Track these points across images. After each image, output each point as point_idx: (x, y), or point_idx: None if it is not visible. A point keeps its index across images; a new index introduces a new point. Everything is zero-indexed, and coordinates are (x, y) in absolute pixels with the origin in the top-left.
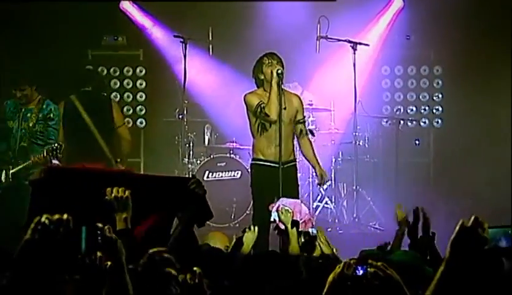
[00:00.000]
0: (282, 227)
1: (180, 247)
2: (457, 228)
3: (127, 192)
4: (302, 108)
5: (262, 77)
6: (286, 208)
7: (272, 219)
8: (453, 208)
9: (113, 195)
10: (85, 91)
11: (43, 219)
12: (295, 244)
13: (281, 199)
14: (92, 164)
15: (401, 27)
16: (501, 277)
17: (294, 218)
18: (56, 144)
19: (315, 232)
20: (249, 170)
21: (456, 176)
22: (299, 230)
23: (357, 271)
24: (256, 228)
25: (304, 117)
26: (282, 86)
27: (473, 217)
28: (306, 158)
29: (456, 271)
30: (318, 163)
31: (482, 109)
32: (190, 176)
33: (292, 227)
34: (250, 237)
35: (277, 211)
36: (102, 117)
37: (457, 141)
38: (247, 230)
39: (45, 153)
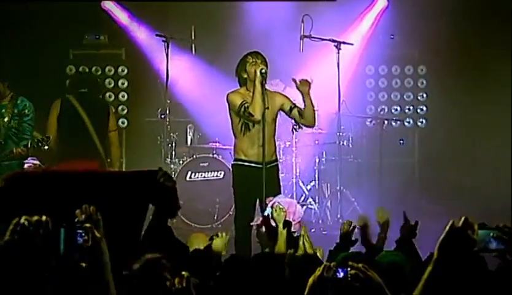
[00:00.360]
0: (273, 224)
1: (154, 243)
2: (447, 228)
3: (98, 214)
4: (287, 98)
5: (245, 76)
6: (281, 206)
7: (265, 214)
8: (439, 208)
9: (83, 216)
10: (82, 93)
11: (22, 220)
12: (282, 244)
13: (278, 196)
14: (87, 163)
15: (385, 27)
16: (487, 278)
17: (288, 218)
18: (44, 136)
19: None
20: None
21: (441, 177)
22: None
23: (338, 274)
24: (224, 234)
25: (293, 103)
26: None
27: (462, 218)
28: (313, 109)
29: (444, 272)
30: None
31: (467, 109)
32: (172, 176)
33: (284, 227)
34: (218, 243)
35: (271, 207)
36: (100, 119)
37: (441, 141)
38: (214, 237)
39: (29, 144)
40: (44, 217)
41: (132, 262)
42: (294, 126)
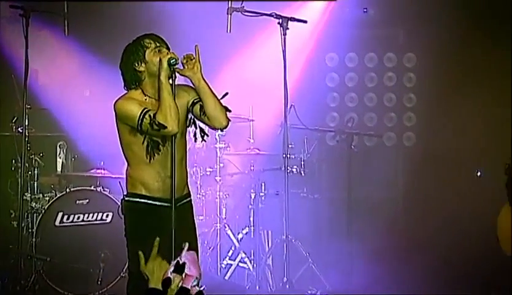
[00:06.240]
0: None
1: None
2: None
3: None
4: (191, 89)
5: (143, 69)
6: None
7: None
8: (433, 262)
9: None
10: None
11: None
12: None
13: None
14: None
15: None
16: None
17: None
18: None
19: None
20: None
21: (435, 218)
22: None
23: None
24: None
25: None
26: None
27: None
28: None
29: None
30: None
31: (471, 116)
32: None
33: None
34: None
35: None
36: None
37: (436, 166)
38: None
39: None
40: None
41: None
42: (200, 134)
